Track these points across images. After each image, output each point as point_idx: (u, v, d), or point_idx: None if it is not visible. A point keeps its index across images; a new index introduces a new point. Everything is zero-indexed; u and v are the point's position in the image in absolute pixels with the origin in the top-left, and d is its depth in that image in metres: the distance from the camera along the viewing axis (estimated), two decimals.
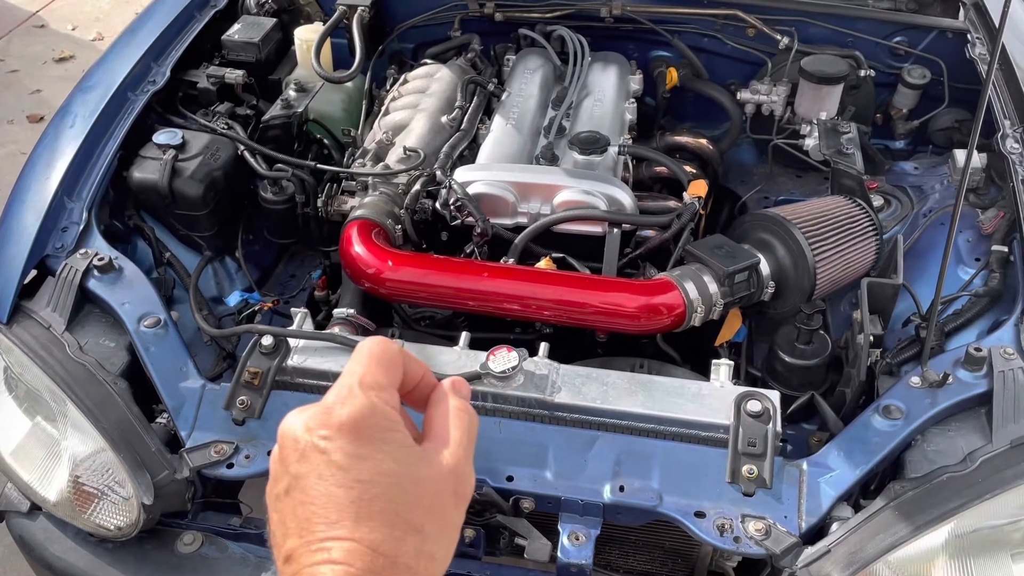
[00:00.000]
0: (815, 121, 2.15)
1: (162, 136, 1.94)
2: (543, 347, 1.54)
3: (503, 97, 2.20)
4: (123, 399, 1.51)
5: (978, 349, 1.47)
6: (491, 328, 1.83)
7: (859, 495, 1.44)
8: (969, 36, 2.24)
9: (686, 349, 1.88)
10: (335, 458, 0.58)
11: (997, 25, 2.14)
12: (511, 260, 1.80)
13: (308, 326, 1.61)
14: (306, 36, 2.31)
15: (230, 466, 1.47)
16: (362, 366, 0.64)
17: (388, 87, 2.33)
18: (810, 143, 2.14)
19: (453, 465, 0.63)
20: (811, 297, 1.75)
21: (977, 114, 1.38)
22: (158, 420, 1.56)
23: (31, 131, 4.30)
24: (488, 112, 2.21)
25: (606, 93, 2.23)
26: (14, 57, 5.03)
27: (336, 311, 1.76)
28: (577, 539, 1.40)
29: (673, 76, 2.43)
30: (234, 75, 2.18)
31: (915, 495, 1.33)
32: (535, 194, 1.87)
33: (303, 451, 0.59)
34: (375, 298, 1.80)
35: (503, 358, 1.47)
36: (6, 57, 5.03)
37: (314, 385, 1.53)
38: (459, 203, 1.81)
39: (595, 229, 1.84)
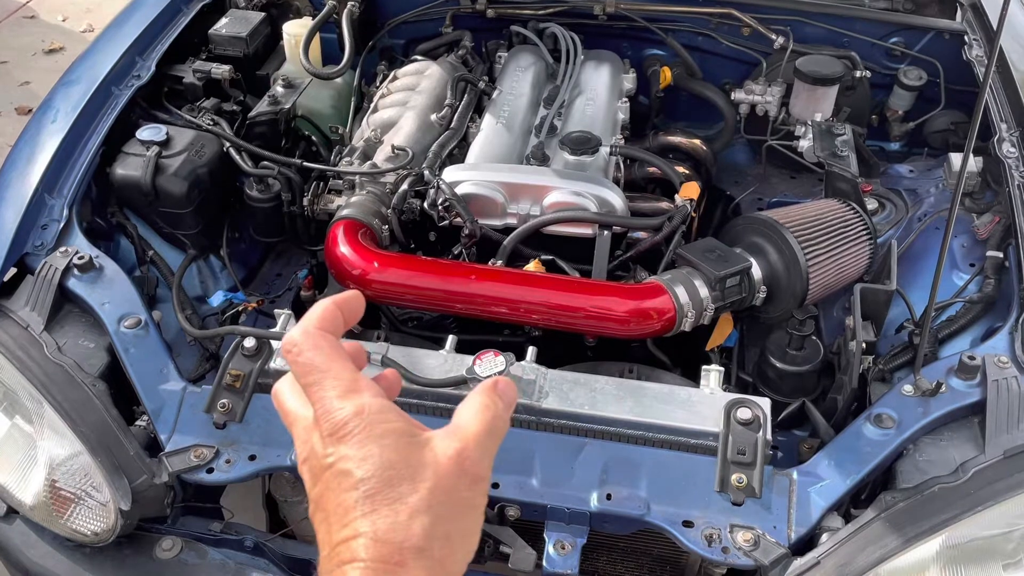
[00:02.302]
0: (810, 122, 2.13)
1: (146, 132, 1.91)
2: (531, 351, 1.52)
3: (494, 95, 2.17)
4: (101, 401, 1.48)
5: (972, 358, 1.45)
6: (479, 330, 1.80)
7: (849, 505, 1.42)
8: (966, 37, 2.22)
9: (676, 353, 1.86)
10: (339, 467, 0.60)
11: (995, 27, 2.12)
12: (500, 262, 1.78)
13: (292, 327, 1.58)
14: (295, 31, 2.27)
15: (210, 471, 1.45)
16: (326, 373, 0.64)
17: (378, 84, 2.30)
18: (804, 144, 2.11)
19: (460, 448, 0.63)
20: (803, 302, 1.72)
21: (974, 118, 1.35)
22: (137, 423, 1.53)
23: (19, 123, 4.24)
24: (479, 110, 2.18)
25: (598, 92, 2.21)
26: (3, 48, 4.98)
27: None
28: (563, 548, 1.38)
29: (667, 75, 2.40)
30: (221, 70, 2.14)
31: (906, 506, 1.31)
32: (525, 195, 1.84)
33: (314, 474, 0.62)
34: None
35: (489, 363, 1.44)
36: None
37: None
38: (447, 203, 1.79)
39: (585, 231, 1.81)
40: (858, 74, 2.27)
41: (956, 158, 2.04)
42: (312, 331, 0.66)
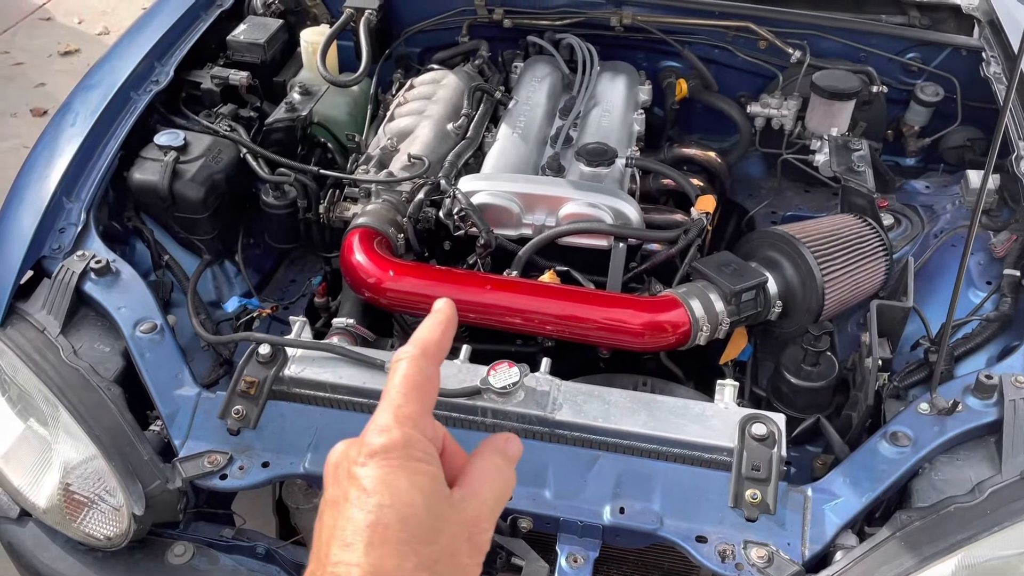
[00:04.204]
0: (826, 137, 2.12)
1: (164, 137, 1.92)
2: (545, 363, 1.51)
3: (510, 105, 2.18)
4: (116, 406, 1.49)
5: (989, 377, 1.44)
6: (493, 340, 1.80)
7: (864, 523, 1.41)
8: (984, 54, 2.21)
9: (690, 366, 1.85)
10: (363, 483, 0.59)
11: (1012, 45, 2.11)
12: (514, 272, 1.78)
13: (307, 335, 1.58)
14: (312, 38, 2.28)
15: (223, 477, 1.45)
16: (400, 395, 0.64)
17: (394, 92, 2.30)
18: (820, 159, 2.11)
19: (474, 517, 0.63)
20: (819, 318, 1.72)
21: (995, 135, 1.34)
22: (151, 428, 1.53)
23: (34, 125, 4.28)
24: (495, 120, 2.18)
25: (614, 103, 2.21)
26: (19, 50, 5.01)
27: (335, 321, 1.73)
28: (575, 561, 1.37)
29: (682, 87, 2.40)
30: (238, 76, 2.16)
31: (922, 525, 1.30)
32: (540, 206, 1.84)
33: (337, 477, 0.62)
34: (376, 307, 1.77)
35: (504, 373, 1.44)
36: (11, 49, 5.01)
37: (311, 396, 1.50)
38: (463, 213, 1.79)
39: (600, 243, 1.81)
40: (875, 89, 2.26)
41: (973, 175, 2.03)
42: (419, 357, 0.66)
